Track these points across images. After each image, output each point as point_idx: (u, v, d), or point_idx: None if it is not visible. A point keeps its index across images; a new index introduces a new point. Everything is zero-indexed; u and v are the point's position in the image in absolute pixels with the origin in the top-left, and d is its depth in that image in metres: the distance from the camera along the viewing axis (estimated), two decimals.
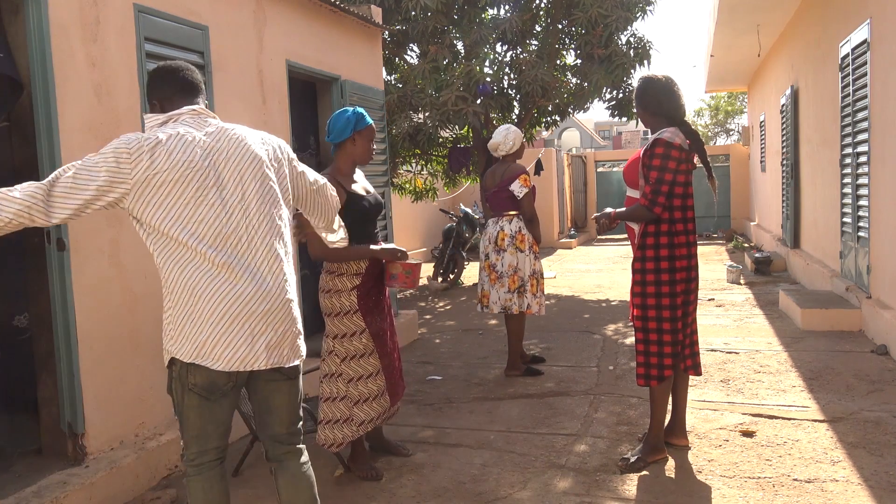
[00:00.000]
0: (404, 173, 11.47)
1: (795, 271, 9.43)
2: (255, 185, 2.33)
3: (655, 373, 3.49)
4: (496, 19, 9.19)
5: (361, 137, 3.44)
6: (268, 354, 2.29)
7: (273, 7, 4.94)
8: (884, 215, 5.68)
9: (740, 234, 16.54)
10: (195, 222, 2.22)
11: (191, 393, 2.30)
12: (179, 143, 2.24)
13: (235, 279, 2.24)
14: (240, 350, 2.25)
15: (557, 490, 3.32)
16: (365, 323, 3.42)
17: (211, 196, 2.25)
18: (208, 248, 2.22)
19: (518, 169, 5.10)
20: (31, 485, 3.10)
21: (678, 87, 3.53)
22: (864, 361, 5.21)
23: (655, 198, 3.35)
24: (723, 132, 40.71)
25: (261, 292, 2.27)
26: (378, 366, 3.46)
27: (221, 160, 2.29)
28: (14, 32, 3.22)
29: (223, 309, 2.22)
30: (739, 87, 18.35)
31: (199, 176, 2.23)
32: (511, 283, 5.08)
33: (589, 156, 19.68)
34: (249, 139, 2.39)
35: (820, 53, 8.05)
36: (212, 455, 2.39)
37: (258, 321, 2.27)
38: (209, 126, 2.34)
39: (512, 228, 5.08)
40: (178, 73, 2.42)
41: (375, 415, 3.46)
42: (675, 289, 3.43)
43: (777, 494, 3.17)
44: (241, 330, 2.24)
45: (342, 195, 3.33)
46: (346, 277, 3.41)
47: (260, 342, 2.28)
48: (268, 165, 2.39)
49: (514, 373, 5.28)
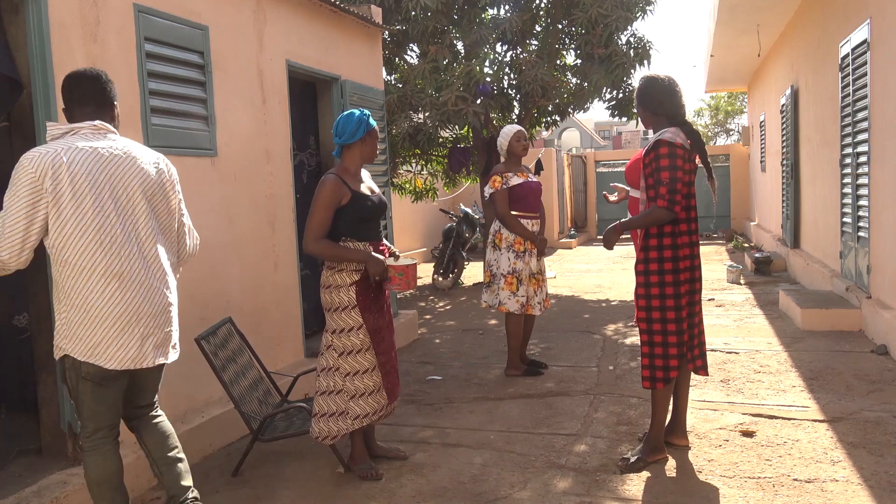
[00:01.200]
0: (404, 173, 11.47)
1: (795, 271, 9.42)
2: (144, 199, 2.61)
3: (661, 374, 3.48)
4: (496, 19, 9.19)
5: (371, 137, 3.54)
6: (154, 353, 2.63)
7: (273, 7, 4.94)
8: (884, 215, 5.68)
9: (740, 233, 16.54)
10: (91, 231, 2.46)
11: (85, 381, 2.56)
12: (78, 156, 2.47)
13: (126, 286, 2.52)
14: (131, 351, 2.55)
15: (557, 490, 3.32)
16: (363, 318, 3.47)
17: (107, 207, 2.49)
18: (102, 257, 2.48)
19: (497, 170, 5.20)
20: (31, 485, 3.10)
21: (679, 88, 3.54)
22: (864, 361, 5.21)
23: (673, 197, 3.34)
24: (723, 132, 40.70)
25: (148, 298, 2.58)
26: (374, 362, 3.50)
27: (117, 174, 2.54)
28: (14, 32, 3.22)
29: (116, 314, 2.50)
30: (739, 87, 18.35)
31: (94, 188, 2.47)
32: (485, 278, 5.33)
33: (589, 156, 19.68)
34: (142, 157, 2.66)
35: (820, 53, 8.05)
36: (105, 432, 2.66)
37: (147, 324, 2.58)
38: (107, 140, 2.57)
39: (493, 227, 5.26)
40: (91, 83, 2.63)
41: (371, 410, 3.49)
42: (680, 289, 3.43)
43: (777, 494, 3.17)
44: (132, 333, 2.54)
45: (346, 195, 3.42)
46: (346, 273, 3.46)
47: (148, 343, 2.59)
48: (156, 182, 2.67)
49: (514, 372, 5.29)
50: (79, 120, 2.59)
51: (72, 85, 2.62)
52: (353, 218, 3.46)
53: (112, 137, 2.62)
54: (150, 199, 2.64)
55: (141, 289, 2.56)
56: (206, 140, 4.23)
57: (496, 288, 5.18)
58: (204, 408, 4.15)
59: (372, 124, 3.53)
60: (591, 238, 18.32)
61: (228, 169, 4.44)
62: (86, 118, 2.59)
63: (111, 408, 2.66)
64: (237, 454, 3.87)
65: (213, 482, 3.63)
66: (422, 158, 10.60)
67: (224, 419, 4.10)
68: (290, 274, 5.11)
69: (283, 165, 5.05)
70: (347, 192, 3.43)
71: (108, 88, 2.66)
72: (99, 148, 2.53)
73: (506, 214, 5.12)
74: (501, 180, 5.12)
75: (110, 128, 2.63)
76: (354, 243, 3.48)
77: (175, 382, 3.91)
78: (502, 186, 5.11)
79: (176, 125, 3.99)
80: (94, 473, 2.65)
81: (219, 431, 4.09)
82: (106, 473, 2.65)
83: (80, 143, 2.51)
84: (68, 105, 2.63)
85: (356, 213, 3.45)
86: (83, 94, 2.61)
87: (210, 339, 3.67)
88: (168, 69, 3.94)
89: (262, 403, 3.89)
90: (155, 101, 3.83)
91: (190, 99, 4.12)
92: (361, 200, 3.48)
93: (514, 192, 5.13)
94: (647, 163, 3.44)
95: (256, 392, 3.90)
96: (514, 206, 5.14)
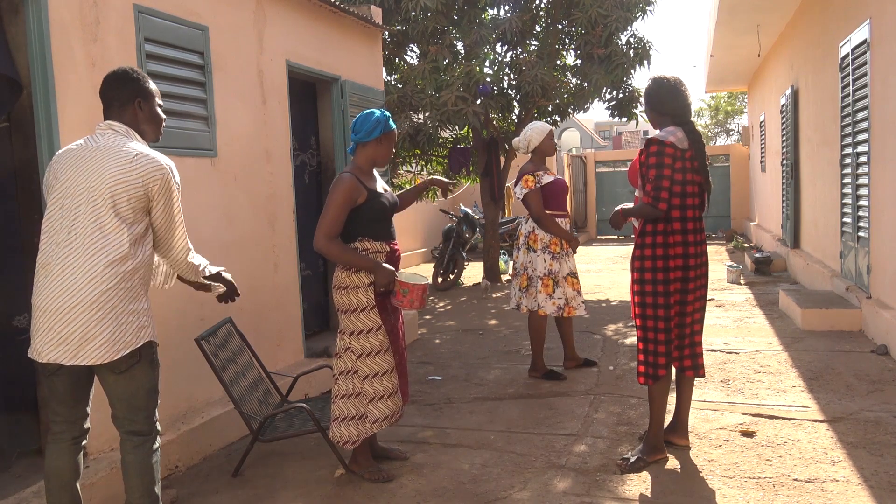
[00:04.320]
0: (404, 173, 11.47)
1: (795, 271, 9.42)
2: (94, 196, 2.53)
3: (651, 371, 3.50)
4: (496, 19, 9.19)
5: (388, 139, 3.49)
6: (50, 349, 2.52)
7: (273, 7, 4.94)
8: (884, 215, 5.68)
9: (740, 233, 16.53)
10: (45, 224, 2.57)
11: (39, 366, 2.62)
12: (62, 155, 2.60)
13: (45, 279, 2.52)
14: (35, 343, 2.55)
15: (557, 490, 3.32)
16: (381, 319, 3.41)
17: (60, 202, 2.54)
18: (42, 249, 2.56)
19: (526, 169, 5.07)
20: (31, 485, 3.10)
21: (685, 89, 3.52)
22: (865, 361, 5.21)
23: (658, 194, 3.36)
24: (723, 132, 40.71)
25: (54, 293, 2.50)
26: (392, 363, 3.45)
27: (79, 169, 2.55)
28: (14, 32, 3.22)
29: (35, 304, 2.55)
30: (739, 87, 18.34)
31: (59, 183, 2.55)
32: (521, 282, 5.14)
33: (589, 156, 19.67)
34: (112, 155, 2.56)
35: (820, 53, 8.05)
36: (59, 427, 2.64)
37: (47, 319, 2.51)
38: (94, 138, 2.62)
39: (527, 228, 5.12)
40: (104, 85, 2.70)
41: (389, 413, 3.44)
42: (669, 288, 3.43)
43: (777, 494, 3.17)
44: (37, 325, 2.54)
45: (362, 193, 3.36)
46: (364, 273, 3.38)
47: (45, 338, 2.51)
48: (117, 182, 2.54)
49: (534, 374, 5.26)
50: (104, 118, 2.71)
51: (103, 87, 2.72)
52: (370, 217, 3.40)
53: (104, 135, 2.62)
54: (98, 197, 2.51)
55: (53, 283, 2.50)
56: (206, 140, 4.23)
57: (534, 291, 5.06)
58: (204, 408, 4.15)
59: (391, 126, 3.48)
60: (591, 238, 18.33)
61: (228, 169, 4.44)
62: (106, 118, 2.68)
63: (61, 403, 2.63)
64: (237, 454, 3.87)
65: (214, 482, 3.63)
66: (422, 159, 10.61)
67: (224, 419, 4.10)
68: (291, 274, 5.11)
69: (283, 166, 5.05)
70: (364, 190, 3.37)
71: (122, 86, 2.67)
72: (79, 146, 2.59)
73: (542, 214, 4.99)
74: (534, 179, 4.98)
75: (115, 125, 2.64)
76: (371, 243, 3.41)
77: (175, 383, 3.92)
78: (536, 185, 4.98)
79: (176, 125, 3.99)
80: (46, 466, 2.65)
81: (219, 432, 4.09)
82: (52, 469, 2.63)
83: (79, 141, 2.63)
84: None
85: (372, 212, 3.40)
86: (101, 95, 2.70)
87: (210, 339, 3.67)
88: (168, 69, 3.95)
89: (263, 404, 3.89)
90: None
91: (190, 99, 4.12)
92: (378, 199, 3.43)
93: (545, 190, 5.02)
94: (642, 161, 3.47)
95: (256, 392, 3.90)
96: (546, 205, 5.03)
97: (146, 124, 2.73)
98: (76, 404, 2.66)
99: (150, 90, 2.74)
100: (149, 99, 2.73)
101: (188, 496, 3.48)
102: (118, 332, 2.55)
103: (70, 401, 2.64)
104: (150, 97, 2.74)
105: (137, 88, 2.69)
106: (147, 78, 2.75)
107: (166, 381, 3.86)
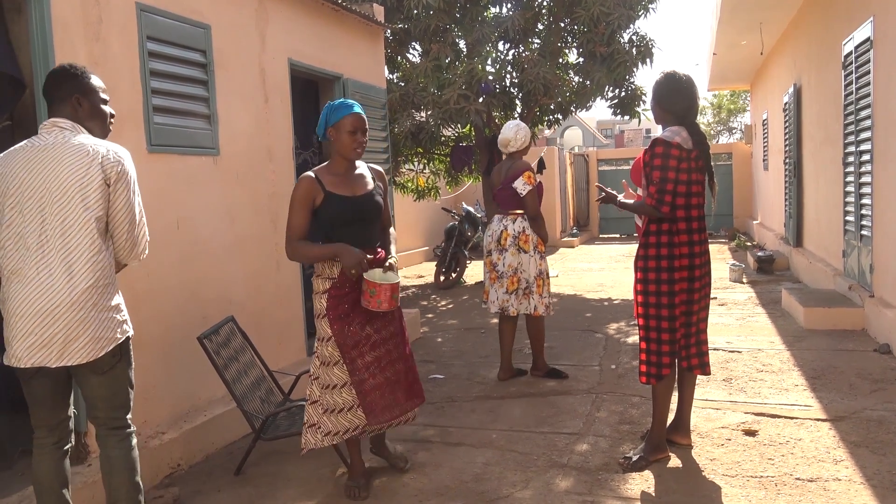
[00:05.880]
0: (406, 172, 11.47)
1: (798, 270, 9.41)
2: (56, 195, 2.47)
3: (654, 371, 3.50)
4: (498, 17, 9.18)
5: (336, 131, 3.21)
6: (30, 354, 2.47)
7: (275, 5, 4.94)
8: (887, 214, 5.67)
9: (743, 232, 16.51)
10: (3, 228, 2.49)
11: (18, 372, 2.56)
12: (9, 157, 2.52)
13: (20, 283, 2.46)
14: (12, 348, 2.48)
15: (559, 489, 3.32)
16: (332, 330, 3.22)
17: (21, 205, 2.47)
18: (8, 255, 2.49)
19: (523, 166, 4.95)
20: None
21: (692, 88, 3.48)
22: (867, 360, 5.20)
23: (662, 196, 3.34)
24: (725, 130, 40.60)
25: (33, 297, 2.45)
26: (345, 379, 3.25)
27: (34, 169, 2.48)
28: (17, 31, 3.23)
29: (10, 310, 2.48)
30: (742, 86, 18.31)
31: (12, 186, 2.48)
32: (510, 285, 4.97)
33: (591, 154, 19.66)
34: (67, 152, 2.50)
35: (823, 51, 8.03)
36: (41, 433, 2.64)
37: (26, 324, 2.46)
38: (42, 137, 2.54)
39: (515, 228, 4.94)
40: (47, 81, 2.63)
41: (342, 429, 3.28)
42: (674, 288, 3.42)
43: (779, 493, 3.17)
44: (14, 330, 2.47)
45: (319, 194, 3.19)
46: (321, 280, 3.27)
47: (18, 343, 2.47)
48: (77, 178, 2.48)
49: (537, 373, 5.23)
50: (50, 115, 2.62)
51: (49, 81, 2.65)
52: (328, 221, 3.20)
53: (51, 133, 2.55)
54: (63, 195, 2.47)
55: (28, 287, 2.45)
56: (208, 139, 4.23)
57: (529, 293, 4.97)
58: (206, 406, 4.15)
59: (338, 116, 3.19)
60: (594, 237, 18.31)
61: (230, 168, 4.44)
62: (50, 116, 2.61)
63: (41, 406, 2.61)
64: (239, 453, 3.88)
65: (216, 481, 3.64)
66: (424, 157, 10.60)
67: (226, 418, 4.11)
68: (293, 273, 5.12)
69: (285, 164, 5.05)
70: (320, 191, 3.17)
71: (60, 83, 2.59)
72: (28, 146, 2.52)
73: (539, 213, 4.93)
74: (534, 176, 4.90)
75: (59, 122, 2.56)
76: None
77: (178, 381, 3.92)
78: (537, 183, 4.90)
79: (178, 124, 3.99)
80: (33, 471, 2.64)
81: (221, 430, 4.10)
82: (37, 475, 2.62)
83: (23, 143, 2.55)
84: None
85: (328, 215, 3.19)
86: (43, 94, 2.66)
87: (212, 337, 3.67)
88: (170, 68, 3.95)
89: (265, 402, 3.89)
90: (157, 99, 3.83)
91: (192, 98, 4.12)
92: (335, 201, 3.18)
93: (538, 190, 4.96)
94: (646, 161, 3.46)
95: (259, 391, 3.90)
96: (520, 204, 4.98)
97: (89, 121, 2.64)
98: (56, 407, 2.65)
99: (91, 86, 2.64)
100: (88, 94, 2.63)
101: (191, 494, 3.48)
102: (101, 329, 2.54)
103: (50, 403, 2.62)
104: (89, 93, 2.64)
105: (76, 84, 2.60)
106: (89, 74, 2.65)
107: (169, 380, 3.87)
